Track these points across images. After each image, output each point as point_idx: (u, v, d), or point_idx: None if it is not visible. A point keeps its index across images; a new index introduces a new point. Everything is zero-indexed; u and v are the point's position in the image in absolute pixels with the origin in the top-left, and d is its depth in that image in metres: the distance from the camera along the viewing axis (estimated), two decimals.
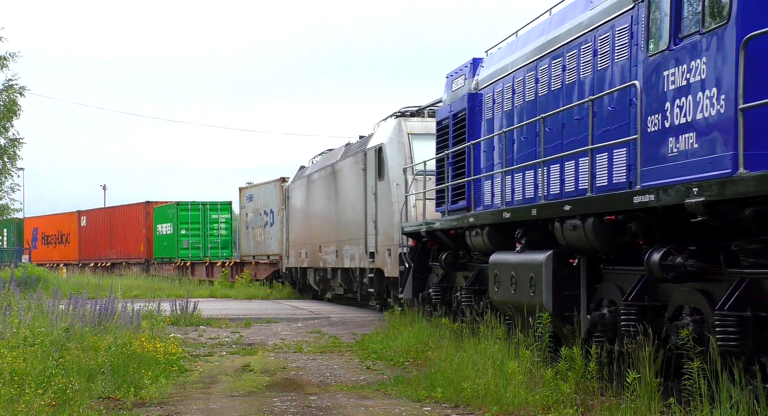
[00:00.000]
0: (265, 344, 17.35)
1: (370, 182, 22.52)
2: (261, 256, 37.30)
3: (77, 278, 40.65)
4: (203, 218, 46.18)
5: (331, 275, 27.11)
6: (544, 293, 12.06)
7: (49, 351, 12.40)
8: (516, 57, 14.33)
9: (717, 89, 8.52)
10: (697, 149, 8.80)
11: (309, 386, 12.30)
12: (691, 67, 8.92)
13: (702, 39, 8.80)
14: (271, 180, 36.45)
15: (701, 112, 8.73)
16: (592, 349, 9.76)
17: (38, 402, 9.68)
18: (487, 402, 10.18)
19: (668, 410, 8.84)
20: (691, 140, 8.90)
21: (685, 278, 9.25)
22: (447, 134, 17.30)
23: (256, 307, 26.59)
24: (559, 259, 12.01)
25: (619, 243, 10.72)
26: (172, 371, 13.25)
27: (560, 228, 11.69)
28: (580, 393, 9.96)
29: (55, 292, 18.89)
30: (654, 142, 9.53)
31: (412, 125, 21.30)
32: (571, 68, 12.32)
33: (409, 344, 15.06)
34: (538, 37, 13.60)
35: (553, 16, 13.44)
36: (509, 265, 13.28)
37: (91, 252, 57.99)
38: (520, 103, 14.05)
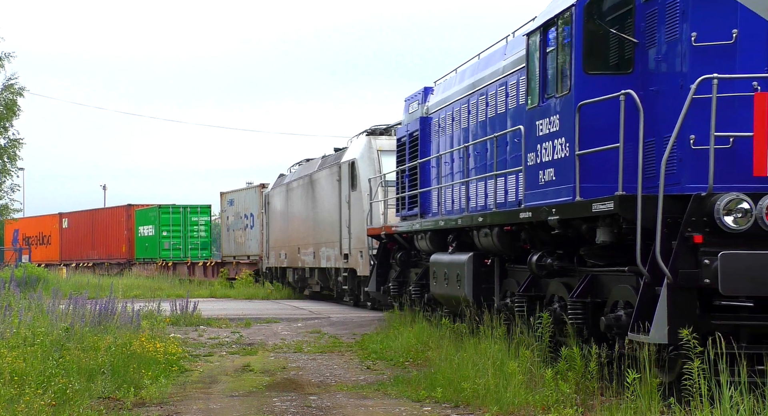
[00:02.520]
0: (265, 344, 17.55)
1: (345, 192, 25.77)
2: (242, 256, 40.38)
3: (77, 278, 41.22)
4: (184, 221, 49.23)
5: (309, 274, 30.42)
6: (467, 286, 15.22)
7: (49, 351, 12.53)
8: (455, 90, 17.28)
9: (565, 138, 11.46)
10: (555, 180, 11.88)
11: (309, 386, 12.43)
12: (551, 121, 11.92)
13: (557, 101, 11.75)
14: (251, 186, 39.85)
15: (556, 154, 11.79)
16: (593, 349, 10.27)
17: (38, 402, 9.79)
18: (487, 402, 10.34)
19: (668, 410, 9.16)
20: (551, 174, 12.00)
21: (553, 274, 12.54)
22: (404, 151, 20.08)
23: (256, 307, 26.91)
24: (478, 259, 15.29)
25: (516, 248, 14.02)
26: (172, 371, 13.42)
27: (477, 235, 15.00)
28: (580, 393, 10.18)
29: (55, 292, 19.03)
30: (532, 173, 12.63)
31: (380, 143, 24.61)
32: (492, 104, 15.28)
33: (409, 344, 15.32)
34: (471, 76, 16.58)
35: (481, 59, 16.47)
36: (443, 264, 16.42)
37: (73, 253, 60.15)
38: (458, 129, 16.98)
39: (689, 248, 9.53)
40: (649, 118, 10.51)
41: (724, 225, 9.47)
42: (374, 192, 22.97)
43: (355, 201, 24.92)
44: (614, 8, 11.18)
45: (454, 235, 16.37)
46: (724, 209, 9.47)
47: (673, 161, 10.20)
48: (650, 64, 10.89)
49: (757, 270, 9.18)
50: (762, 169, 9.54)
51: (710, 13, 10.03)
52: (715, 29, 10.01)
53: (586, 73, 11.13)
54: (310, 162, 31.23)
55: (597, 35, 11.13)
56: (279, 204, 33.77)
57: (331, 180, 26.95)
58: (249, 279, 36.27)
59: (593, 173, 11.00)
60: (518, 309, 13.46)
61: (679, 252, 9.53)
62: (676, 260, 9.53)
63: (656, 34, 10.78)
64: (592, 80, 11.08)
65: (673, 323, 9.42)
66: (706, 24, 10.05)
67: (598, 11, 11.14)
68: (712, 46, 10.00)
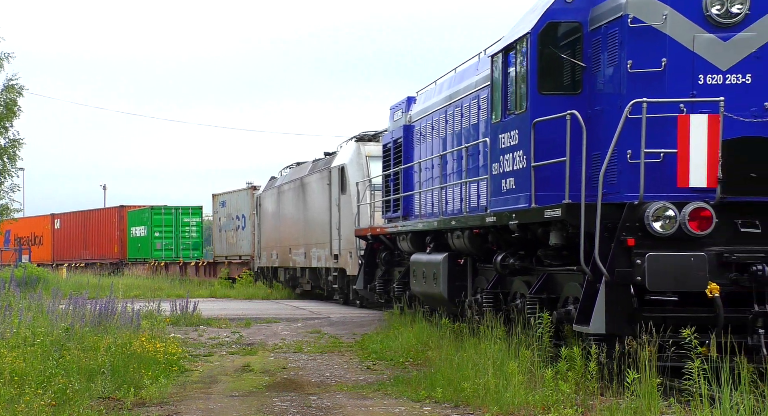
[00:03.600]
0: (265, 344, 17.82)
1: (335, 195, 27.25)
2: (233, 256, 42.14)
3: (77, 278, 41.91)
4: (176, 222, 51.03)
5: (300, 274, 31.99)
6: (442, 284, 16.65)
7: (49, 351, 12.63)
8: (435, 101, 18.71)
9: (523, 151, 12.99)
10: (515, 189, 13.42)
11: (309, 386, 12.65)
12: (512, 135, 13.45)
13: (516, 117, 13.27)
14: (242, 188, 41.44)
15: (516, 165, 13.34)
16: (593, 349, 10.73)
17: (38, 402, 9.91)
18: (487, 402, 10.52)
19: (668, 410, 9.59)
20: (512, 183, 13.54)
21: (516, 273, 14.08)
22: (390, 156, 21.50)
23: (256, 307, 27.18)
24: (452, 259, 16.67)
25: (484, 249, 15.40)
26: (172, 371, 13.57)
27: (451, 237, 16.40)
28: (580, 393, 10.39)
29: (55, 292, 19.12)
30: (496, 181, 14.13)
31: (369, 149, 26.17)
32: (466, 116, 16.65)
33: (409, 344, 15.63)
34: (448, 89, 17.95)
35: (457, 73, 17.79)
36: (421, 263, 17.91)
37: (65, 253, 61.68)
38: (437, 137, 18.38)
39: (624, 249, 11.04)
40: (594, 134, 12.05)
41: (652, 230, 11.01)
42: (362, 195, 24.30)
43: (344, 204, 26.32)
44: (565, 35, 12.71)
45: (432, 237, 17.80)
46: (652, 215, 11.00)
47: (614, 173, 11.75)
48: (596, 86, 12.40)
49: (679, 269, 10.69)
50: (685, 181, 11.10)
51: (643, 43, 11.55)
52: (647, 58, 11.53)
53: (540, 93, 12.66)
54: (301, 166, 32.65)
55: (550, 59, 12.66)
56: (271, 206, 35.23)
57: (322, 184, 28.40)
58: (249, 279, 37.14)
59: (547, 183, 12.53)
60: (486, 305, 14.97)
61: (615, 254, 11.05)
62: (612, 261, 11.03)
63: (600, 59, 12.30)
64: (546, 100, 12.61)
65: (610, 315, 10.97)
66: (639, 53, 11.57)
67: (551, 38, 12.66)
68: (644, 73, 11.53)
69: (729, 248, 11.03)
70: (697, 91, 11.36)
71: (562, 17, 12.62)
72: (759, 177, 11.05)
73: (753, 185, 11.07)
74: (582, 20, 12.56)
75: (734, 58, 11.35)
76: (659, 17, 11.46)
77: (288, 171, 34.45)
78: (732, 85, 11.33)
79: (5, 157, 37.34)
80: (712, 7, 11.38)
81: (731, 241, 11.09)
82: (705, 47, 11.39)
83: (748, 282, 10.90)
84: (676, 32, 11.45)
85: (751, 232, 11.08)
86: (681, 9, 11.44)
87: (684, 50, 11.44)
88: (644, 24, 11.53)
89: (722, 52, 11.37)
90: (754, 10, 11.36)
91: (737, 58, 11.35)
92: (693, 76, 11.41)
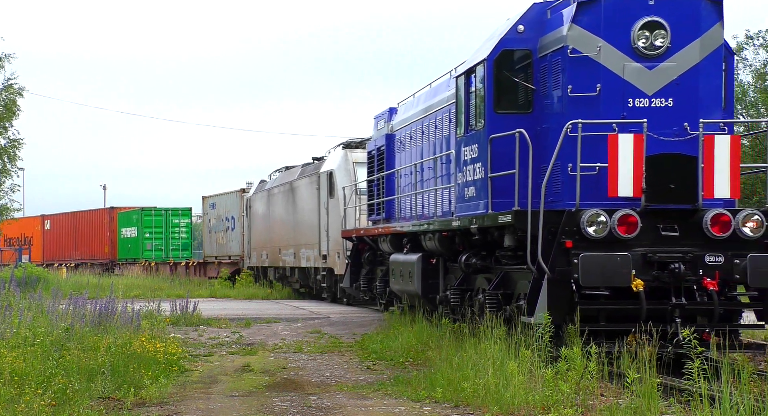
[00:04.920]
0: (265, 344, 18.05)
1: (323, 199, 29.05)
2: (223, 257, 44.22)
3: (77, 278, 42.38)
4: (165, 223, 53.34)
5: (289, 273, 33.80)
6: (416, 282, 18.45)
7: (49, 351, 12.69)
8: (413, 112, 20.49)
9: (480, 164, 15.03)
10: (475, 196, 15.41)
11: (309, 386, 12.82)
12: (473, 148, 15.40)
13: (476, 133, 15.18)
14: (232, 190, 43.63)
15: (476, 175, 15.32)
16: (593, 349, 11.22)
17: (38, 402, 9.99)
18: (487, 402, 10.70)
19: (668, 410, 9.92)
20: (473, 191, 15.53)
21: (478, 271, 16.02)
22: (374, 163, 23.32)
23: (256, 307, 27.33)
24: (425, 259, 18.45)
25: (453, 249, 17.11)
26: (172, 371, 13.72)
27: (424, 239, 18.31)
28: (580, 393, 10.54)
29: (55, 292, 19.15)
30: (460, 189, 16.08)
31: (355, 155, 27.90)
32: (440, 127, 18.39)
33: (409, 344, 15.90)
34: (425, 102, 19.71)
35: (432, 88, 19.63)
36: (399, 263, 19.64)
37: (55, 254, 63.86)
38: (415, 147, 20.22)
39: (563, 250, 12.98)
40: (543, 149, 13.99)
41: (587, 234, 12.96)
42: (349, 199, 26.06)
43: (332, 207, 28.03)
44: (518, 61, 14.65)
45: (408, 238, 19.68)
46: (587, 221, 12.95)
47: (558, 184, 13.72)
48: (544, 106, 14.35)
49: (607, 267, 12.64)
50: (614, 191, 13.06)
51: (581, 70, 13.50)
52: (585, 83, 13.48)
53: (495, 112, 14.61)
54: (290, 170, 34.51)
55: (504, 82, 14.59)
56: (261, 208, 37.19)
57: (311, 188, 30.26)
58: (249, 279, 37.82)
59: (503, 192, 14.39)
60: (453, 300, 16.93)
61: (556, 254, 12.99)
62: (553, 260, 12.97)
63: (547, 83, 14.27)
64: (501, 118, 14.55)
65: (551, 308, 12.91)
66: (578, 79, 13.52)
67: (505, 64, 14.59)
68: (582, 96, 13.49)
69: (652, 249, 12.99)
70: (627, 113, 13.32)
71: (515, 45, 14.58)
72: (677, 188, 13.07)
73: (672, 195, 13.08)
74: (532, 48, 14.51)
75: (658, 85, 13.33)
76: (594, 48, 13.43)
77: (277, 175, 36.34)
78: (657, 107, 13.30)
79: (5, 157, 37.82)
80: (638, 40, 13.34)
81: (654, 243, 13.04)
82: (633, 75, 13.36)
83: (667, 278, 12.86)
84: (608, 62, 13.41)
85: (671, 235, 13.05)
86: (613, 42, 13.41)
87: (616, 77, 13.40)
88: (582, 54, 13.49)
89: (648, 79, 13.34)
90: (674, 44, 13.34)
91: (661, 84, 13.33)
92: (623, 99, 13.37)
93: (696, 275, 12.92)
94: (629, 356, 11.51)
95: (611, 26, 13.42)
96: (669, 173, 13.09)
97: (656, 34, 13.32)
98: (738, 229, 13.02)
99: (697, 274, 12.92)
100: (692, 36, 13.36)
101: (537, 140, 14.14)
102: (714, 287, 12.81)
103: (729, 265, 12.94)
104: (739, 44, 38.83)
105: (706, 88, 13.41)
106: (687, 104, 13.31)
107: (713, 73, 13.48)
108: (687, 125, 13.24)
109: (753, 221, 13.05)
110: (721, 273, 12.94)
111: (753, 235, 13.05)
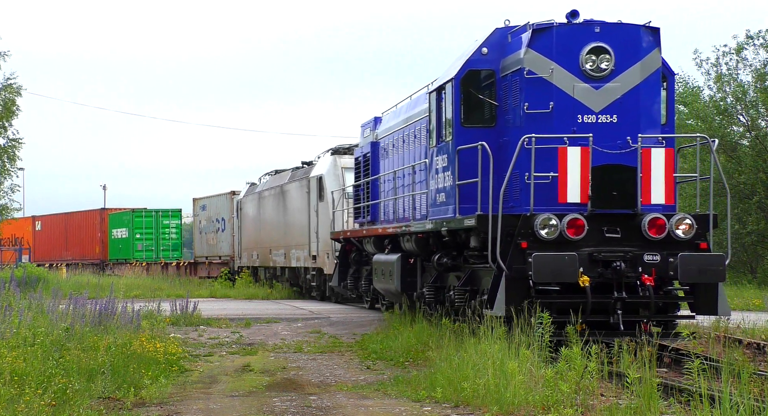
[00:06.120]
0: (265, 344, 18.36)
1: (313, 202, 30.92)
2: (213, 257, 46.51)
3: (77, 278, 42.59)
4: (156, 224, 56.12)
5: (279, 273, 35.80)
6: (396, 280, 20.04)
7: (49, 351, 12.80)
8: (395, 122, 22.09)
9: (450, 172, 16.77)
10: (445, 202, 17.12)
11: (309, 386, 13.02)
12: (443, 158, 17.15)
13: (446, 144, 16.89)
14: (222, 193, 45.85)
15: (446, 182, 17.05)
16: (593, 349, 11.58)
17: (38, 402, 10.10)
18: (487, 402, 10.87)
19: (668, 410, 10.15)
20: (444, 197, 17.24)
21: (449, 270, 17.69)
22: (360, 169, 25.00)
23: (255, 307, 27.70)
24: (404, 259, 20.01)
25: (428, 250, 18.65)
26: (172, 371, 13.91)
27: (402, 240, 19.95)
28: (580, 393, 10.67)
29: (55, 292, 19.29)
30: (433, 195, 17.86)
31: (344, 161, 29.77)
32: (418, 137, 20.00)
33: (409, 344, 16.29)
34: (405, 112, 21.34)
35: (413, 100, 21.09)
36: (381, 262, 21.27)
37: (46, 254, 66.07)
38: (397, 154, 21.81)
39: (519, 250, 14.79)
40: (504, 159, 15.73)
41: (540, 235, 14.78)
42: (337, 203, 27.65)
43: (322, 210, 29.79)
44: (483, 80, 16.44)
45: (389, 239, 21.31)
46: (540, 224, 14.77)
47: (516, 191, 15.53)
48: (505, 121, 16.14)
49: (556, 265, 14.45)
50: (564, 197, 14.91)
51: (536, 89, 15.29)
52: (539, 101, 15.28)
53: (462, 126, 16.40)
54: (280, 174, 36.46)
55: (470, 99, 16.40)
56: (251, 210, 39.13)
57: (301, 192, 32.07)
58: (249, 279, 38.65)
59: (470, 198, 16.10)
60: (428, 296, 18.71)
61: (512, 254, 14.78)
62: (510, 259, 14.77)
63: (508, 100, 16.07)
64: (467, 131, 16.38)
65: (508, 301, 14.67)
66: (533, 97, 15.33)
67: (471, 82, 16.40)
68: (537, 113, 15.30)
69: (597, 249, 14.81)
70: (577, 128, 15.14)
71: (480, 66, 16.40)
72: (619, 195, 14.91)
73: (615, 201, 14.93)
74: (495, 68, 16.33)
75: (604, 103, 15.17)
76: (548, 70, 15.26)
77: (267, 178, 38.25)
78: (603, 123, 15.14)
79: (5, 157, 38.83)
80: (586, 63, 15.18)
81: (599, 243, 14.87)
82: (582, 94, 15.19)
83: (610, 275, 14.69)
84: (560, 82, 15.23)
85: (614, 237, 14.90)
86: (563, 64, 15.23)
87: (566, 96, 15.22)
88: (537, 75, 15.31)
89: (595, 98, 15.18)
90: (618, 67, 15.19)
91: (606, 102, 15.17)
92: (573, 116, 15.20)
93: (636, 272, 14.74)
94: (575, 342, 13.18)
95: (562, 51, 15.24)
96: (612, 182, 14.93)
97: (602, 58, 15.16)
98: (672, 231, 14.89)
99: (636, 271, 14.74)
100: (633, 60, 15.22)
101: (500, 151, 15.94)
102: (651, 283, 14.63)
103: (664, 263, 14.77)
104: (739, 44, 39.96)
105: (646, 105, 15.28)
106: (629, 120, 15.16)
107: (652, 92, 15.36)
108: (629, 139, 15.08)
109: (684, 224, 14.94)
110: (658, 270, 14.77)
111: (684, 237, 14.94)
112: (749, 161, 39.78)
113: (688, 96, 42.47)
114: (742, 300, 27.09)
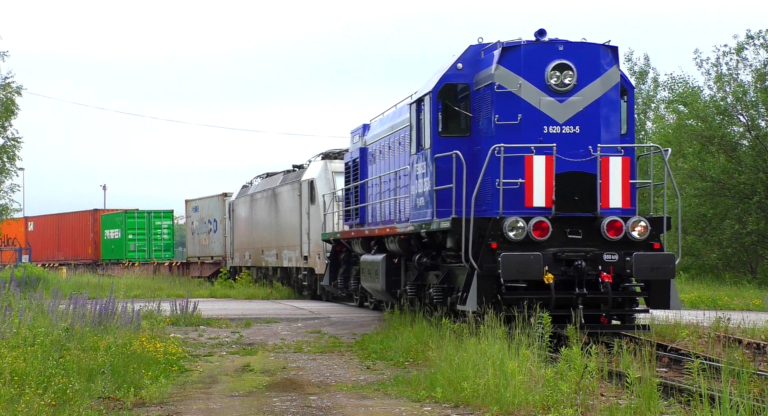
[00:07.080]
0: (265, 344, 18.55)
1: (305, 205, 32.36)
2: (205, 257, 48.30)
3: (77, 278, 42.84)
4: (148, 225, 57.87)
5: (272, 273, 37.31)
6: (381, 279, 21.41)
7: (49, 351, 12.84)
8: (382, 129, 23.34)
9: (428, 178, 18.08)
10: (424, 206, 18.52)
11: (309, 386, 13.13)
12: (422, 165, 18.55)
13: (424, 152, 18.28)
14: (214, 195, 47.51)
15: (423, 188, 18.49)
16: (593, 349, 11.93)
17: (38, 402, 10.14)
18: (487, 402, 10.96)
19: (668, 410, 10.31)
20: (423, 201, 18.64)
21: (429, 269, 19.23)
22: (350, 173, 26.35)
23: (256, 307, 27.90)
24: (389, 259, 21.31)
25: (410, 251, 20.01)
26: (172, 371, 14.00)
27: (387, 241, 21.24)
28: (580, 393, 10.73)
29: (55, 292, 19.33)
30: (413, 199, 19.25)
31: (334, 165, 31.32)
32: (403, 144, 21.01)
33: (409, 344, 16.55)
34: (391, 121, 22.56)
35: (398, 109, 22.20)
36: (367, 262, 22.72)
37: (39, 254, 67.41)
38: (383, 160, 23.04)
39: (489, 250, 16.20)
40: (477, 167, 17.10)
41: (508, 237, 16.22)
42: (328, 205, 29.20)
43: (313, 213, 31.28)
44: (458, 92, 17.86)
45: (375, 241, 22.71)
46: (508, 226, 16.21)
47: (487, 196, 16.93)
48: (479, 131, 17.55)
49: (523, 264, 15.86)
50: (530, 202, 16.35)
51: (505, 102, 16.72)
52: (508, 113, 16.72)
53: (439, 135, 17.85)
54: (272, 177, 37.97)
55: (446, 110, 17.84)
56: (244, 212, 40.62)
57: (293, 194, 33.51)
58: (248, 279, 39.22)
59: (446, 202, 17.51)
60: (410, 294, 20.18)
61: (483, 254, 16.19)
62: (481, 259, 16.20)
63: (481, 112, 17.49)
64: (444, 140, 17.81)
65: (480, 297, 16.11)
66: (503, 109, 16.76)
67: (447, 95, 17.82)
68: (507, 124, 16.75)
69: (561, 248, 16.24)
70: (543, 138, 16.58)
71: (455, 80, 17.85)
72: (580, 199, 16.40)
73: (577, 205, 16.42)
74: (469, 82, 17.78)
75: (568, 115, 16.63)
76: (516, 85, 16.71)
77: (259, 181, 39.77)
78: (567, 134, 16.61)
79: (4, 156, 39.20)
80: (551, 79, 16.64)
81: (563, 244, 16.31)
82: (547, 107, 16.64)
83: (573, 273, 16.13)
84: (527, 96, 16.68)
85: (576, 238, 16.37)
86: (530, 80, 16.68)
87: (533, 109, 16.67)
88: (506, 89, 16.74)
89: (559, 110, 16.64)
90: (580, 82, 16.66)
91: (570, 114, 16.63)
92: (540, 127, 16.65)
93: (596, 270, 16.17)
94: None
95: (529, 67, 16.70)
96: (574, 188, 16.42)
97: (565, 74, 16.64)
98: (628, 233, 16.37)
99: (596, 269, 16.18)
100: (594, 75, 16.70)
101: (474, 159, 17.36)
102: (609, 280, 16.09)
103: (622, 262, 16.24)
104: (739, 44, 40.73)
105: (606, 117, 16.76)
106: (590, 130, 16.63)
107: (612, 105, 16.84)
108: (591, 148, 16.55)
109: (640, 226, 16.42)
110: (616, 269, 16.23)
111: (640, 237, 16.42)
112: (749, 161, 40.41)
113: (688, 96, 43.22)
114: (742, 300, 27.54)
